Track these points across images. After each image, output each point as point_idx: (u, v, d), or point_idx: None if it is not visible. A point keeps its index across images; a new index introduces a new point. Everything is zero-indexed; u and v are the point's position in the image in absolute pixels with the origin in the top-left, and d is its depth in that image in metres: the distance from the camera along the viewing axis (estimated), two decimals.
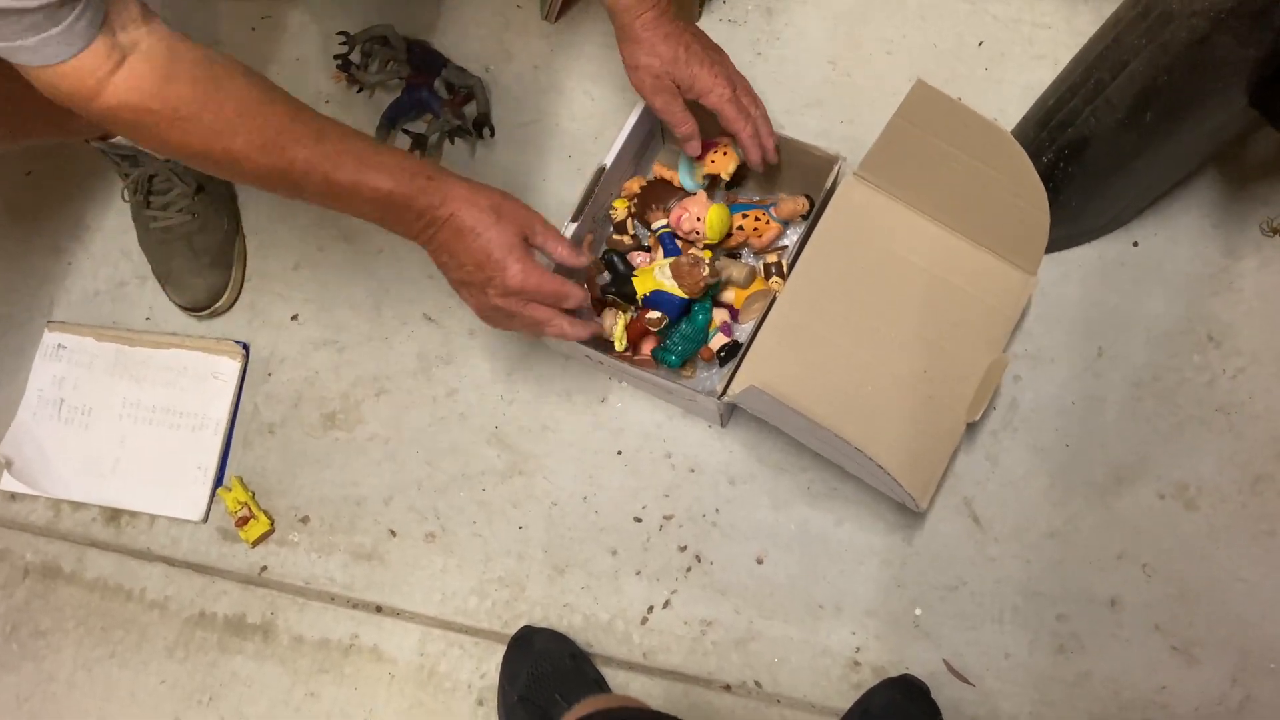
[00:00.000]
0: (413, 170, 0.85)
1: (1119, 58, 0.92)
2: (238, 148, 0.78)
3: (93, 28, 0.71)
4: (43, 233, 1.28)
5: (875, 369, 1.02)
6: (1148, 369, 1.12)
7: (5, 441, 1.19)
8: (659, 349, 1.10)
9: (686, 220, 1.09)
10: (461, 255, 0.89)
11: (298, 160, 0.81)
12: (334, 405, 1.19)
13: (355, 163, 0.83)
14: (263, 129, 0.79)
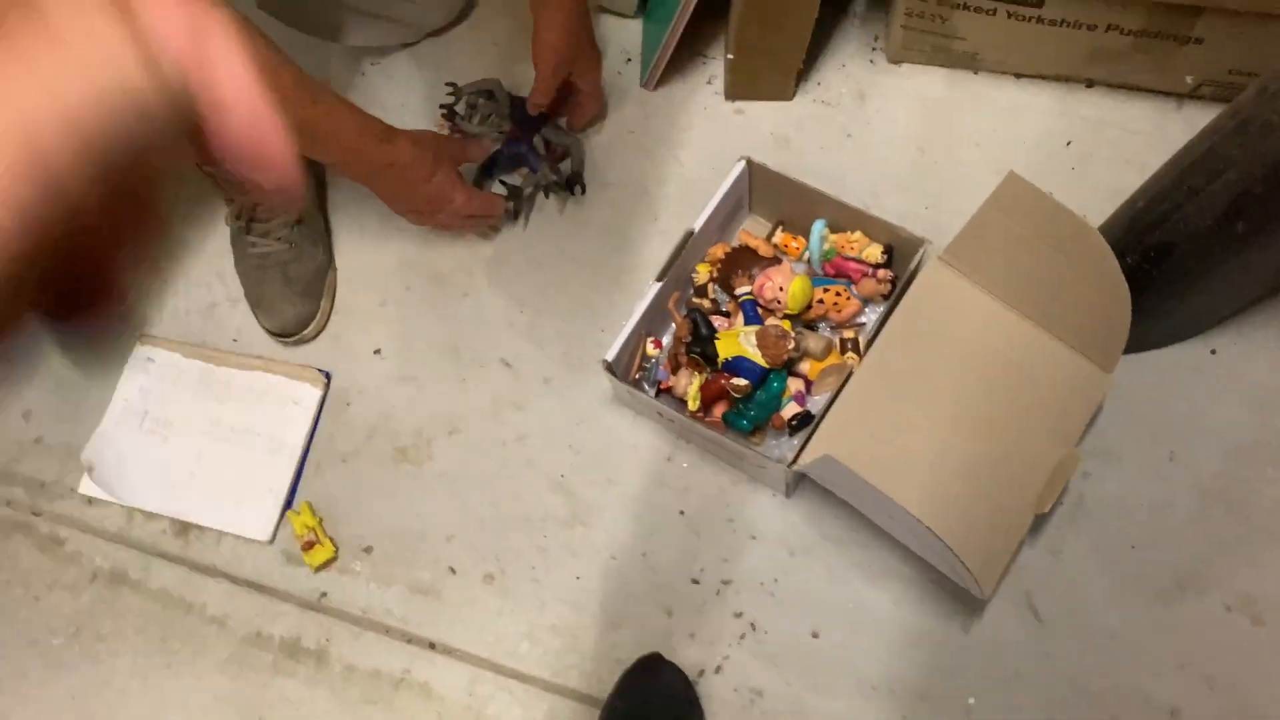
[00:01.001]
0: (375, 131, 1.06)
1: (1214, 166, 0.93)
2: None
3: None
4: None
5: (947, 451, 1.03)
6: (1219, 478, 1.12)
7: (89, 448, 1.23)
8: (731, 413, 1.12)
9: (769, 289, 1.11)
10: (413, 194, 1.13)
11: (297, 118, 0.96)
12: (406, 440, 1.22)
13: (335, 122, 1.01)
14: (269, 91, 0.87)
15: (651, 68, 1.31)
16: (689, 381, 1.11)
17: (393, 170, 1.08)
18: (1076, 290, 1.03)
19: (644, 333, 1.14)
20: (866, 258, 1.15)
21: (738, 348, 1.09)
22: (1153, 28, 1.14)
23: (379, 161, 1.07)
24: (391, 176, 1.09)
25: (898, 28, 1.25)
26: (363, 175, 1.10)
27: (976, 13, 1.18)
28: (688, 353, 1.10)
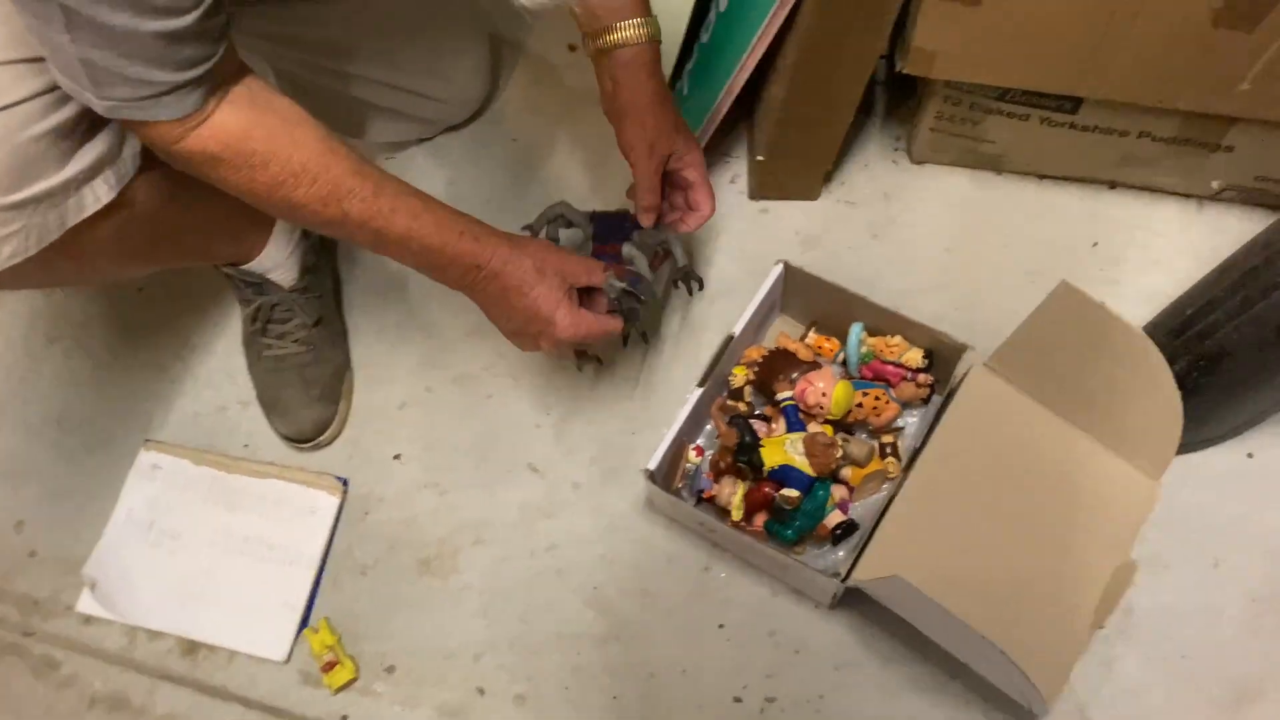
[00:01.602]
0: (460, 228, 0.91)
1: (1270, 279, 0.94)
2: (299, 197, 0.82)
3: (202, 99, 0.75)
4: (149, 349, 1.28)
5: (1001, 564, 1.01)
6: (1267, 584, 1.10)
7: (91, 562, 1.16)
8: (774, 523, 1.08)
9: (812, 394, 1.09)
10: (510, 311, 0.96)
11: (352, 213, 0.85)
12: (430, 551, 1.16)
13: (407, 219, 0.88)
14: (325, 183, 0.82)
15: None
16: (732, 490, 1.08)
17: (481, 275, 0.93)
18: (1127, 398, 1.02)
19: (684, 439, 1.11)
20: (907, 362, 1.13)
21: (784, 456, 1.06)
22: (1184, 135, 1.16)
23: (464, 263, 0.91)
24: (482, 283, 0.94)
25: (925, 129, 1.25)
26: (450, 282, 0.95)
27: (1010, 118, 1.18)
28: (734, 461, 1.07)
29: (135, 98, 0.72)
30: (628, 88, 0.99)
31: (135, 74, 0.70)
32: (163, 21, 0.68)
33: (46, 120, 0.77)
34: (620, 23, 0.95)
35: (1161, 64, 1.03)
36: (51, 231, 0.81)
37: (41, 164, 0.78)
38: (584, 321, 0.97)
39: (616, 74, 0.98)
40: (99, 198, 0.84)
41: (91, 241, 0.87)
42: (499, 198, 1.34)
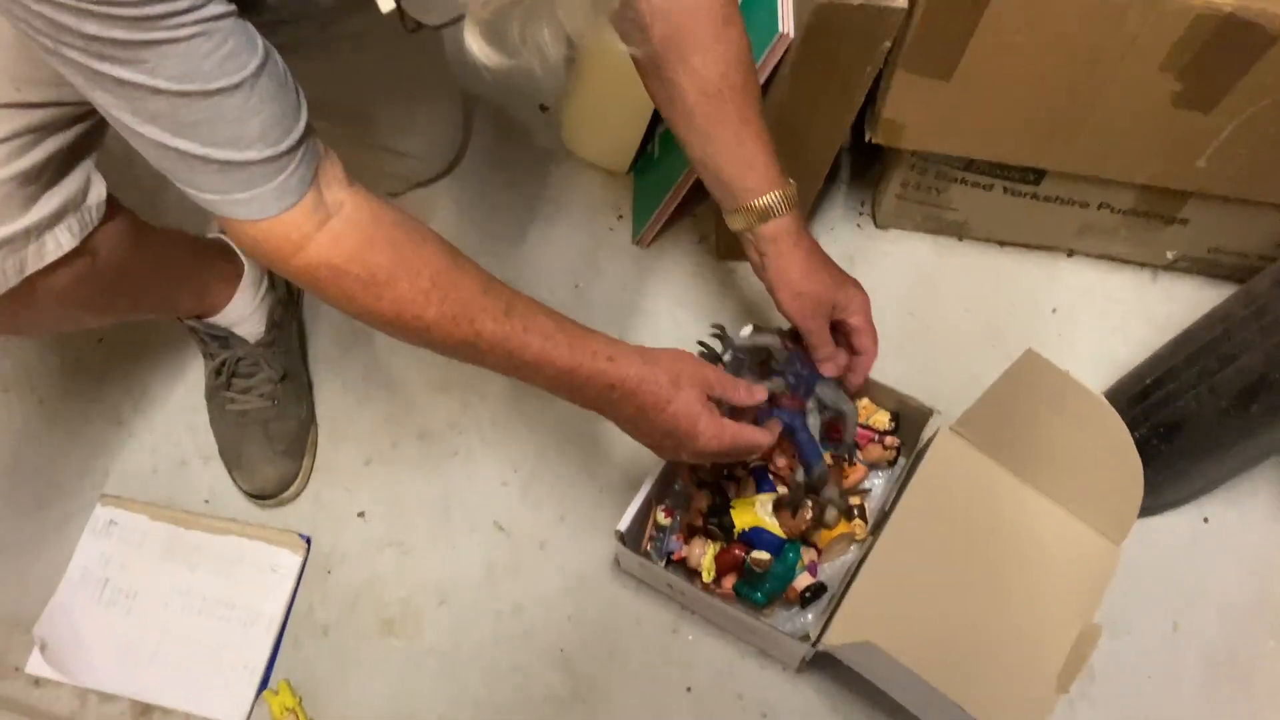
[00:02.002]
0: (594, 349, 0.86)
1: (1228, 350, 0.97)
2: (430, 316, 0.78)
3: (304, 184, 0.72)
4: (106, 400, 1.25)
5: (968, 628, 1.01)
6: (1223, 648, 1.13)
7: (42, 621, 1.12)
8: (744, 585, 1.08)
9: (781, 456, 1.09)
10: (648, 427, 0.91)
11: (485, 333, 0.81)
12: (393, 611, 1.15)
13: (540, 339, 0.84)
14: (455, 300, 0.79)
15: (647, 227, 1.31)
16: (703, 551, 1.08)
17: (616, 394, 0.88)
18: (1089, 464, 1.04)
19: (653, 500, 1.11)
20: (874, 424, 1.15)
21: (755, 517, 1.06)
22: (1142, 207, 1.19)
23: (599, 383, 0.87)
24: (617, 403, 0.89)
25: (891, 196, 1.28)
26: (584, 402, 0.90)
27: (974, 187, 1.21)
28: (704, 524, 1.07)
29: (231, 190, 0.69)
30: (776, 261, 0.97)
31: (224, 155, 0.67)
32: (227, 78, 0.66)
33: (12, 165, 0.75)
34: (758, 199, 0.94)
35: (1123, 140, 1.07)
36: (10, 278, 0.78)
37: (4, 209, 0.76)
38: (728, 431, 0.92)
39: (762, 248, 0.97)
40: (61, 245, 0.81)
41: (50, 290, 0.84)
42: (467, 252, 1.30)
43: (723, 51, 0.89)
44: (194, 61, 0.63)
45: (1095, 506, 1.06)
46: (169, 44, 0.62)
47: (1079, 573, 1.05)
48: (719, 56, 0.89)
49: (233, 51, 0.65)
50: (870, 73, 1.01)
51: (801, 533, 1.07)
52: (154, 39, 0.61)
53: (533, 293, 1.27)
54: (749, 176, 0.94)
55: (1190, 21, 0.92)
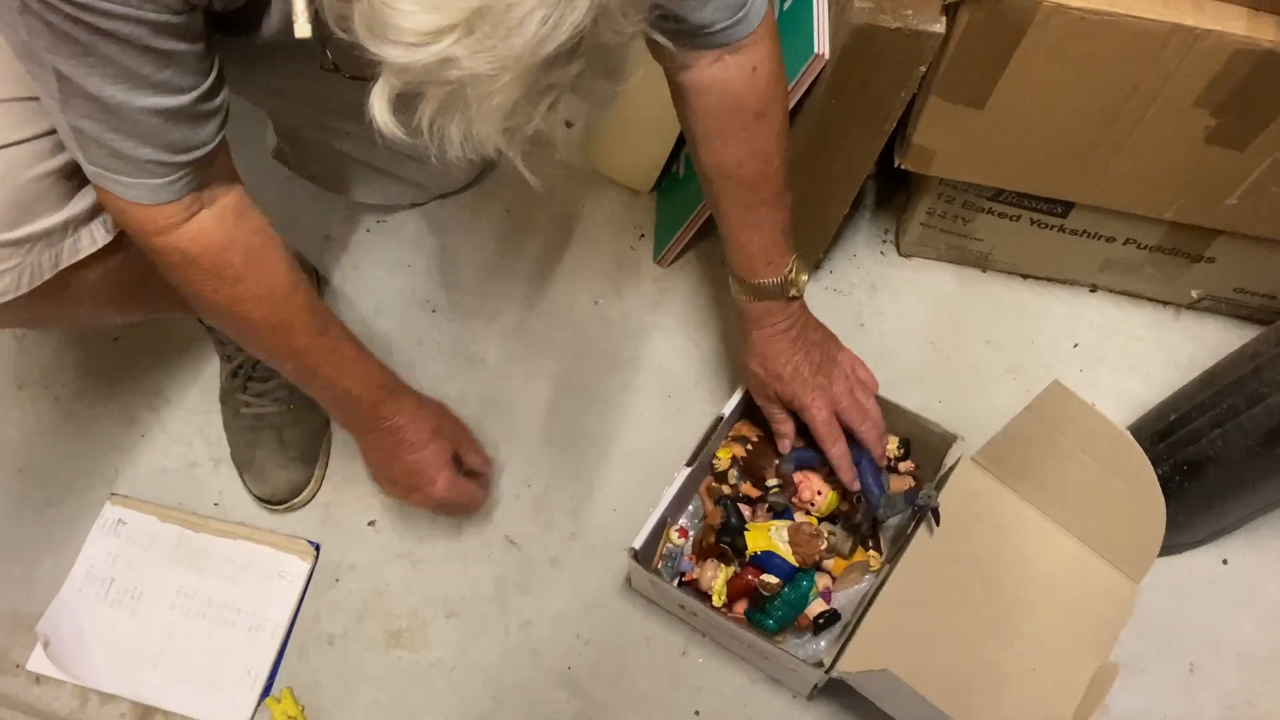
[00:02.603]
0: (379, 381, 0.96)
1: (1257, 389, 0.95)
2: (256, 318, 0.84)
3: (188, 188, 0.75)
4: (120, 400, 1.24)
5: (984, 662, 1.00)
6: (1240, 693, 1.11)
7: (45, 618, 1.11)
8: (756, 610, 1.07)
9: (806, 489, 1.08)
10: (396, 462, 1.00)
11: (296, 345, 0.88)
12: (400, 623, 1.13)
13: (339, 363, 0.92)
14: (282, 311, 0.85)
15: (668, 247, 1.31)
16: (714, 574, 1.07)
17: (385, 428, 0.97)
18: (1110, 500, 1.03)
19: (667, 520, 1.10)
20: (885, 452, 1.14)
21: (768, 542, 1.05)
22: (1169, 244, 1.19)
23: (375, 413, 0.96)
24: (381, 434, 0.98)
25: (916, 224, 1.27)
26: (351, 424, 1.00)
27: (1000, 218, 1.21)
28: (716, 541, 1.06)
29: (117, 172, 0.72)
30: (747, 338, 1.05)
31: (122, 148, 0.70)
32: (157, 98, 0.68)
33: (51, 160, 0.77)
34: (752, 279, 1.00)
35: (1154, 175, 1.07)
36: (44, 271, 0.79)
37: (42, 203, 0.77)
38: (460, 487, 1.04)
39: (742, 321, 1.05)
40: (95, 240, 0.82)
41: (82, 284, 0.85)
42: (488, 267, 1.34)
43: (744, 142, 0.92)
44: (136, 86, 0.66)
45: (1115, 544, 1.05)
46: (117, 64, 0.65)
47: (1096, 610, 1.04)
48: (738, 146, 0.92)
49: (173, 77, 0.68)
50: (904, 97, 1.00)
51: (815, 561, 1.06)
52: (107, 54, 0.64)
53: (552, 308, 1.31)
54: (738, 256, 0.99)
55: (1228, 57, 0.92)
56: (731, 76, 0.88)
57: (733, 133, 0.91)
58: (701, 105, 0.90)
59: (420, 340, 1.28)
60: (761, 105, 0.90)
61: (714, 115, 0.90)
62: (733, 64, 0.87)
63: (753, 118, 0.90)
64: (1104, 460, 1.01)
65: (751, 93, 0.89)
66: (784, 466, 1.08)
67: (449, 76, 0.53)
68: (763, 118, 0.91)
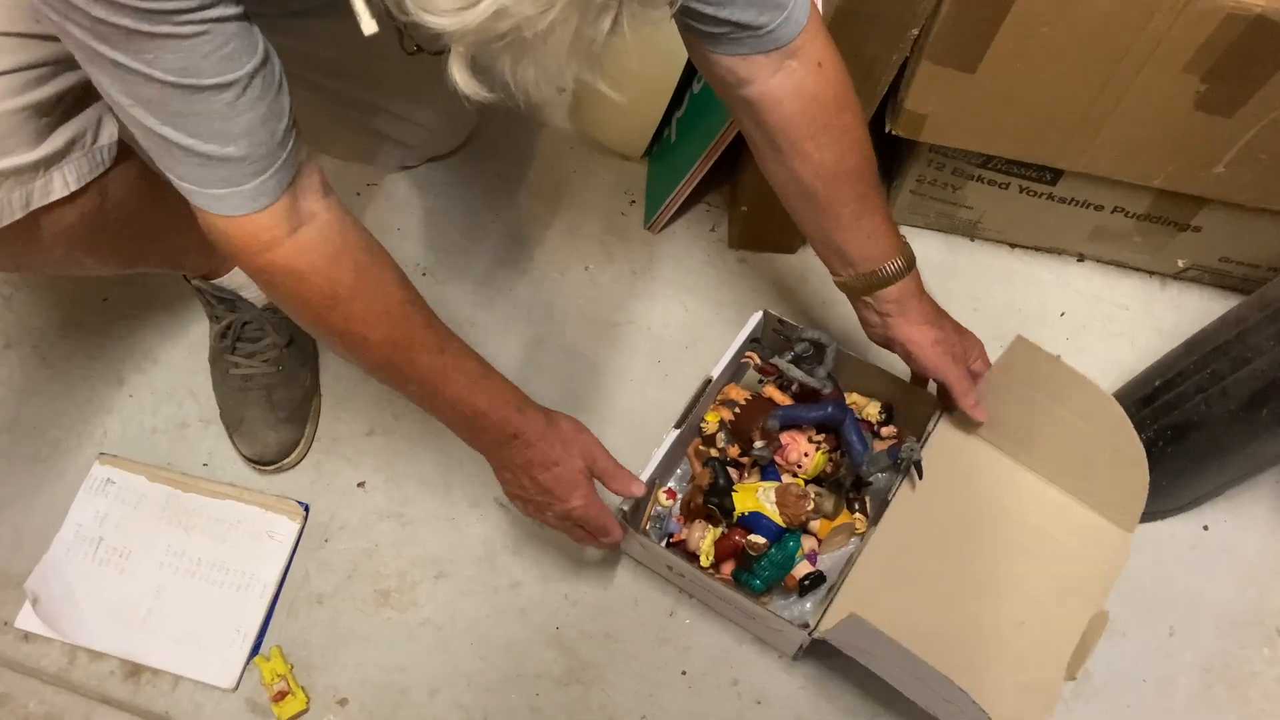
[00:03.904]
0: (507, 398, 0.92)
1: (1241, 354, 0.96)
2: (375, 338, 0.81)
3: (280, 187, 0.72)
4: (108, 360, 1.24)
5: (972, 616, 1.01)
6: (1218, 655, 1.13)
7: (34, 576, 1.11)
8: (743, 571, 1.08)
9: (794, 451, 1.09)
10: (528, 480, 0.96)
11: (418, 365, 0.85)
12: (390, 583, 1.14)
13: (465, 380, 0.88)
14: (400, 329, 0.83)
15: (659, 213, 1.31)
16: (702, 534, 1.07)
17: (515, 443, 0.93)
18: (1092, 451, 1.03)
19: (655, 481, 1.11)
20: (866, 416, 1.15)
21: (755, 503, 1.06)
22: (1156, 213, 1.19)
23: (505, 430, 0.91)
24: (512, 451, 0.94)
25: (906, 191, 1.27)
26: (480, 443, 0.95)
27: (990, 185, 1.21)
28: (704, 503, 1.07)
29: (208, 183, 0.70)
30: (903, 319, 1.00)
31: (206, 149, 0.68)
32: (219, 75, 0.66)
33: (25, 95, 0.75)
34: (883, 268, 0.96)
35: (1143, 142, 1.07)
36: (15, 210, 0.78)
37: (14, 139, 0.75)
38: (595, 508, 0.98)
39: (884, 309, 0.99)
40: (68, 183, 0.81)
41: (55, 228, 0.84)
42: (478, 230, 1.34)
43: (837, 138, 0.90)
44: (193, 58, 0.64)
45: (1102, 494, 1.05)
46: (172, 39, 0.62)
47: (1089, 561, 1.04)
48: (834, 142, 0.90)
49: (233, 52, 0.65)
50: (896, 60, 1.01)
51: (800, 523, 1.06)
52: (158, 32, 0.61)
53: (542, 273, 1.31)
54: (869, 246, 0.96)
55: (1220, 22, 0.92)
56: (801, 80, 0.86)
57: (823, 132, 0.89)
58: (779, 116, 0.88)
59: None
60: (840, 97, 0.88)
61: (795, 123, 0.88)
62: (797, 67, 0.86)
63: (836, 111, 0.89)
64: (1079, 412, 1.02)
65: (827, 88, 0.87)
66: (770, 423, 1.08)
67: (504, 28, 0.53)
68: (845, 108, 0.89)
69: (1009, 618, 1.01)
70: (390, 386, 0.90)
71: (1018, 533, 1.05)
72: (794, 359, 1.10)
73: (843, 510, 1.12)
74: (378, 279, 0.81)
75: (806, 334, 1.10)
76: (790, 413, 1.09)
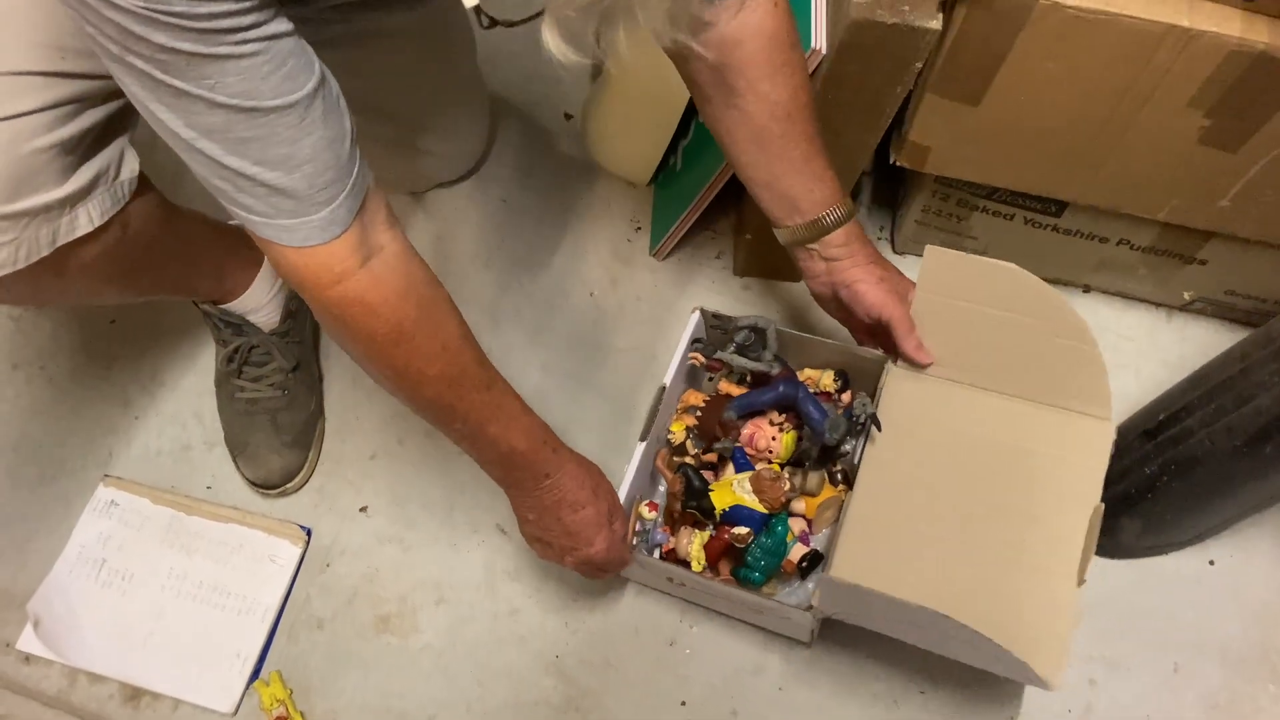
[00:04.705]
0: (543, 438, 0.92)
1: (1245, 390, 0.96)
2: (431, 374, 0.81)
3: (350, 215, 0.72)
4: (115, 381, 1.25)
5: (969, 550, 0.97)
6: (1223, 692, 1.11)
7: (36, 598, 1.11)
8: (741, 568, 1.07)
9: (761, 438, 1.09)
10: (553, 522, 0.96)
11: (468, 401, 0.85)
12: (390, 608, 1.14)
13: (507, 418, 0.89)
14: (456, 366, 0.83)
15: (664, 239, 1.31)
16: (689, 540, 1.07)
17: (547, 484, 0.93)
18: (1038, 344, 0.99)
19: (636, 496, 1.10)
20: (823, 388, 1.14)
21: (734, 496, 1.05)
22: (1162, 246, 1.19)
23: (539, 470, 0.92)
24: (542, 492, 0.94)
25: (911, 221, 1.28)
26: (512, 482, 0.95)
27: (995, 216, 1.21)
28: (683, 508, 1.06)
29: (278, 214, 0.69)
30: (850, 262, 0.98)
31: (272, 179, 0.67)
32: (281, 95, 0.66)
33: (52, 134, 0.76)
34: (829, 211, 0.95)
35: (1148, 176, 1.07)
36: (42, 248, 0.79)
37: (41, 177, 0.77)
38: (615, 549, 0.99)
39: (831, 254, 0.98)
40: (92, 218, 0.83)
41: (78, 262, 0.85)
42: (485, 255, 1.35)
43: (789, 74, 0.90)
44: (254, 79, 0.64)
45: (1065, 388, 1.01)
46: (232, 59, 0.62)
47: (1075, 462, 0.99)
48: (787, 79, 0.90)
49: (291, 72, 0.65)
50: (900, 93, 1.01)
51: (783, 504, 1.06)
52: (219, 53, 0.61)
53: (548, 299, 1.31)
54: (817, 190, 0.95)
55: (1223, 58, 0.92)
56: (761, 17, 0.86)
57: (780, 68, 0.89)
58: (740, 56, 0.88)
59: None
60: (791, 33, 0.89)
61: (756, 61, 0.88)
62: (756, 5, 0.86)
63: (790, 48, 0.89)
64: (1011, 305, 0.98)
65: (782, 25, 0.88)
66: (728, 414, 1.08)
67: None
68: (795, 45, 0.90)
69: (1007, 540, 0.97)
70: (433, 422, 0.89)
71: (996, 456, 1.02)
72: (737, 349, 1.11)
73: (825, 485, 1.11)
74: (440, 314, 0.81)
75: (744, 321, 1.11)
76: (744, 400, 1.09)
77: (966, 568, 0.96)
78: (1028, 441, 1.02)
